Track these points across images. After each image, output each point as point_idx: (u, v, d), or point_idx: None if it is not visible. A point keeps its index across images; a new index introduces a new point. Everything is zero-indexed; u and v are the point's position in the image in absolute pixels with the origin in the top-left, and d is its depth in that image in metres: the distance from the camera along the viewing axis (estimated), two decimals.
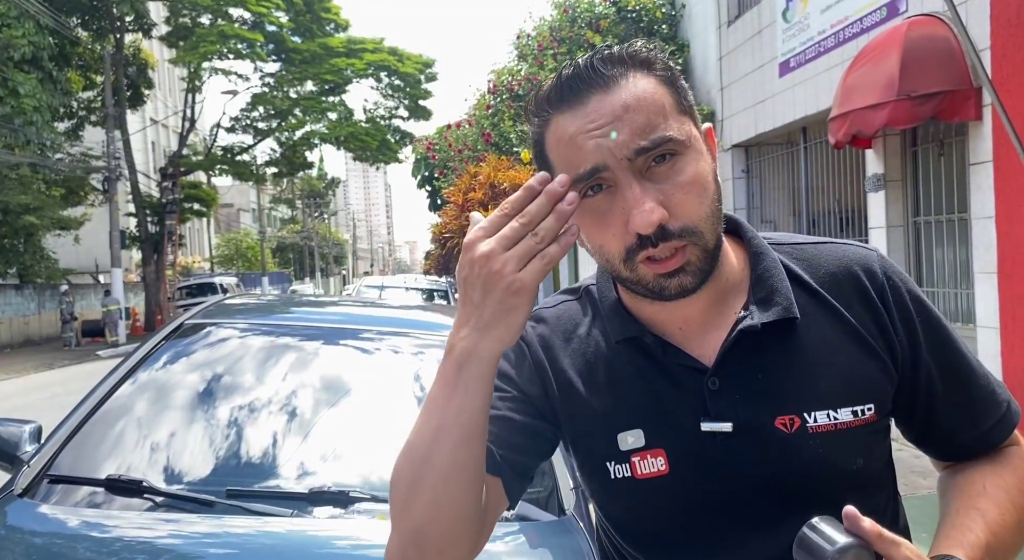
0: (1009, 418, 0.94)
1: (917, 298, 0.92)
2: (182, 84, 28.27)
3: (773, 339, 0.86)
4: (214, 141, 27.02)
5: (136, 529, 1.77)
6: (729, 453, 0.84)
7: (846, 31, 6.47)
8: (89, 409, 2.12)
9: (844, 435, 0.85)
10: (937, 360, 0.91)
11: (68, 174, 21.38)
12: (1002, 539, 0.84)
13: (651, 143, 0.79)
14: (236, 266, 44.62)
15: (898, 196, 6.00)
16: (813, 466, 0.84)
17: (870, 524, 0.73)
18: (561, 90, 0.82)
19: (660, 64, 0.84)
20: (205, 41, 22.33)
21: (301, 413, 2.15)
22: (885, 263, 0.92)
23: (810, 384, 0.85)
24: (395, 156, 26.19)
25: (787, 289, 0.88)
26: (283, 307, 3.13)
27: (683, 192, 0.80)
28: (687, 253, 0.81)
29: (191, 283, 26.20)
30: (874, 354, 0.87)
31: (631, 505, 0.89)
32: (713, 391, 0.86)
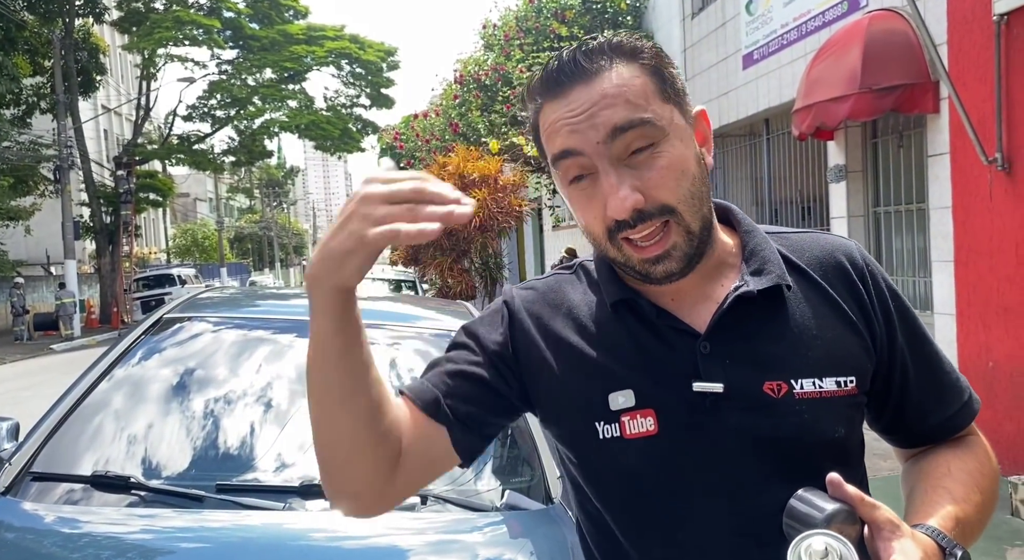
0: (971, 405, 0.99)
1: (891, 287, 0.97)
2: (136, 71, 27.51)
3: (764, 308, 0.90)
4: (170, 130, 26.38)
5: (124, 526, 1.76)
6: (718, 414, 0.87)
7: (808, 24, 6.59)
8: (70, 405, 2.09)
9: (828, 403, 0.88)
10: (910, 346, 0.96)
11: (16, 163, 20.66)
12: (968, 516, 0.88)
13: (628, 124, 0.83)
14: (193, 257, 43.74)
15: (859, 187, 6.16)
16: (798, 430, 0.87)
17: (853, 489, 0.79)
18: (546, 81, 0.88)
19: (647, 53, 0.88)
20: (160, 27, 21.74)
21: (287, 407, 2.15)
22: (864, 253, 0.98)
23: (798, 352, 0.89)
24: (357, 145, 25.88)
25: (779, 260, 0.93)
26: (260, 300, 3.11)
27: (660, 176, 0.84)
28: (671, 235, 0.85)
29: (148, 275, 25.62)
30: (856, 331, 0.92)
31: (619, 465, 0.90)
32: (705, 354, 0.89)
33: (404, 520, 1.79)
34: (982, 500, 0.91)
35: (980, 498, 0.91)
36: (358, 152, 26.27)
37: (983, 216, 4.69)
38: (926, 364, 0.97)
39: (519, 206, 9.21)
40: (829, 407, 0.88)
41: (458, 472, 2.03)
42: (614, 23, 10.01)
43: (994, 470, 0.98)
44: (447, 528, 1.78)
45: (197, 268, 31.71)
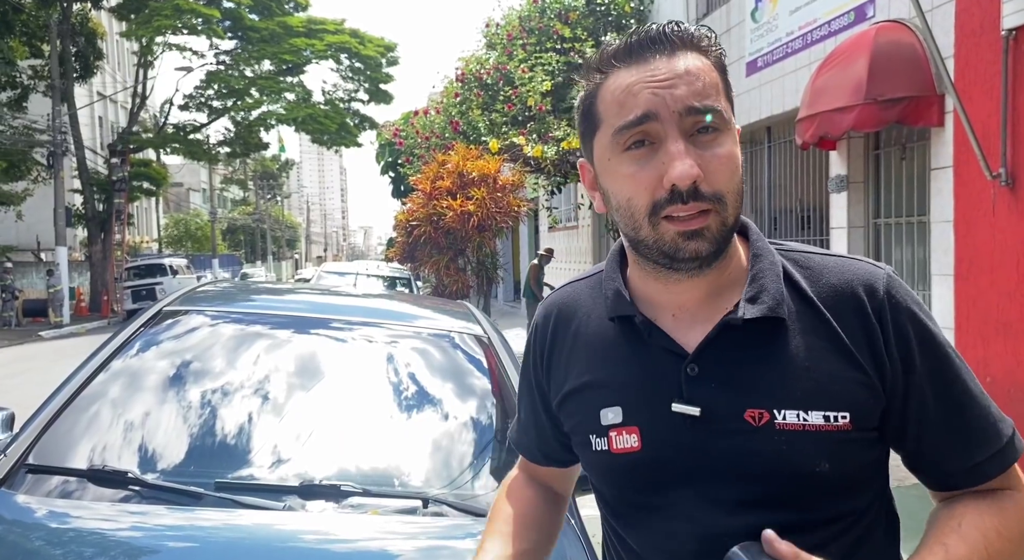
0: (1006, 454, 0.92)
1: (919, 322, 0.91)
2: (133, 58, 27.34)
3: (757, 336, 0.90)
4: (166, 118, 26.21)
5: (116, 522, 1.72)
6: (696, 436, 0.89)
7: (814, 34, 6.59)
8: (67, 397, 2.05)
9: (811, 436, 0.87)
10: (933, 385, 0.91)
11: (10, 147, 20.50)
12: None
13: (703, 106, 0.85)
14: (185, 247, 43.53)
15: (860, 198, 6.16)
16: (775, 460, 0.87)
17: (786, 547, 0.79)
18: (630, 48, 0.89)
19: (715, 53, 0.91)
20: (159, 15, 21.59)
21: (287, 405, 2.12)
22: (892, 284, 0.92)
23: (785, 383, 0.88)
24: (354, 140, 25.77)
25: (777, 290, 0.91)
26: (260, 296, 3.07)
27: (719, 162, 0.86)
28: (708, 219, 0.86)
29: (139, 264, 25.47)
30: (858, 367, 0.89)
31: (607, 477, 0.96)
32: (691, 377, 0.90)
33: (399, 524, 1.77)
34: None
35: (984, 558, 0.86)
36: (355, 147, 26.17)
37: (985, 231, 4.69)
38: (950, 407, 0.91)
39: (517, 206, 9.18)
40: (811, 440, 0.87)
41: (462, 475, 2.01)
42: (617, 26, 10.00)
43: (1021, 531, 0.90)
44: (440, 533, 1.76)
45: (189, 258, 31.55)
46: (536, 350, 1.07)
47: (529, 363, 1.09)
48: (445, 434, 2.14)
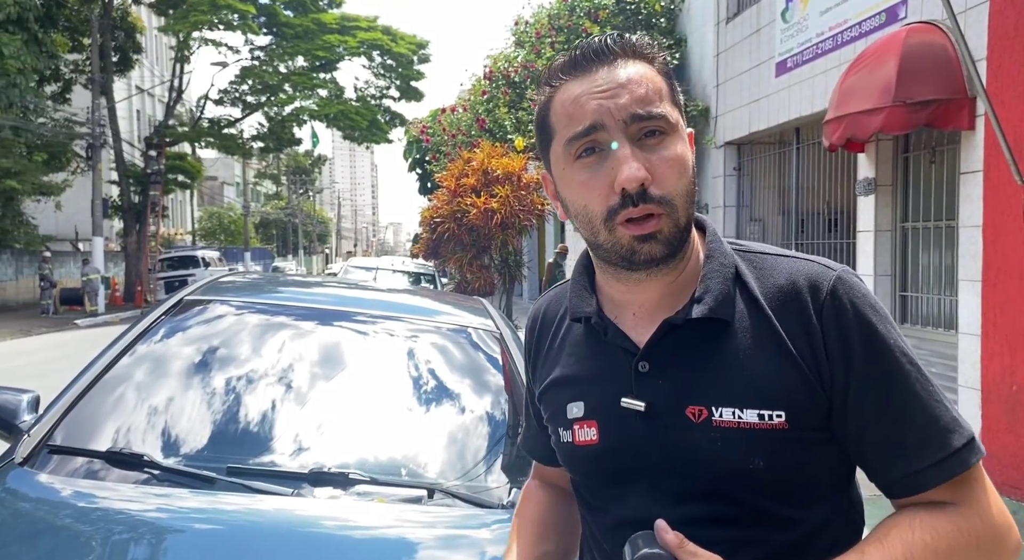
0: (951, 463, 0.87)
1: (864, 321, 0.89)
2: (170, 53, 27.83)
3: (701, 335, 0.92)
4: (201, 113, 26.65)
5: (138, 503, 1.78)
6: (643, 430, 0.93)
7: (844, 34, 6.51)
8: (88, 381, 2.12)
9: (745, 434, 0.88)
10: (875, 388, 0.88)
11: (51, 139, 21.01)
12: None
13: (647, 113, 0.89)
14: (218, 240, 44.20)
15: (888, 201, 6.08)
16: (711, 456, 0.89)
17: (672, 537, 0.84)
18: (575, 61, 0.93)
19: (660, 59, 0.94)
20: (196, 10, 21.96)
21: (302, 394, 2.16)
22: (840, 284, 0.91)
23: (723, 382, 0.90)
24: (385, 137, 25.98)
25: (723, 292, 0.92)
26: (281, 287, 3.13)
27: (667, 165, 0.89)
28: (661, 222, 0.89)
29: (173, 255, 25.94)
30: (796, 367, 0.89)
31: (573, 467, 1.03)
32: (641, 373, 0.94)
33: (413, 513, 1.80)
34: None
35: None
36: (385, 143, 26.36)
37: (1014, 237, 4.60)
38: (894, 410, 0.88)
39: (541, 204, 9.20)
40: (746, 438, 0.88)
41: (468, 467, 2.03)
42: (647, 25, 9.96)
43: (954, 548, 0.86)
44: (456, 523, 1.78)
45: (221, 251, 32.04)
46: (527, 352, 1.14)
47: (530, 367, 1.14)
48: (455, 427, 2.17)
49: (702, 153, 9.46)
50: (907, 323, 6.08)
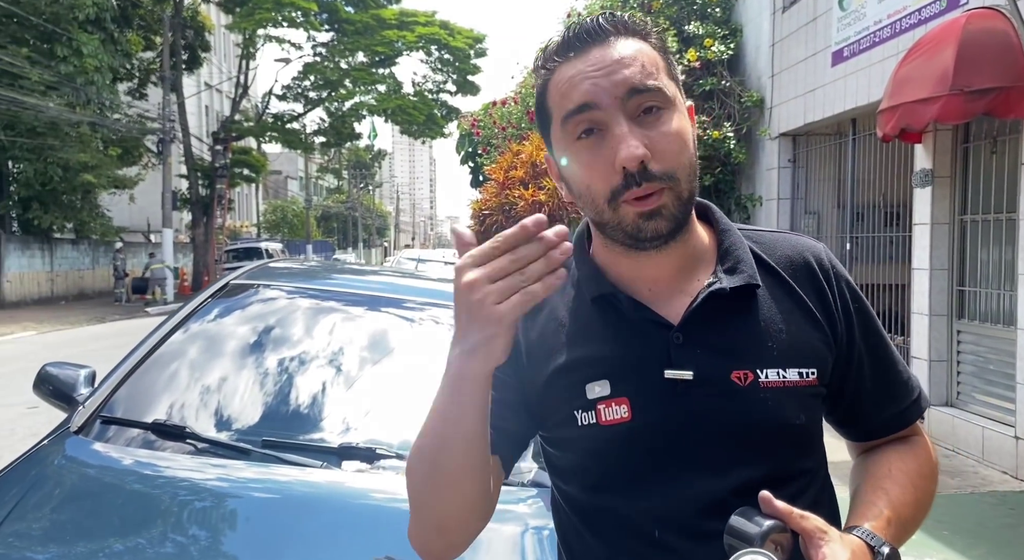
0: (919, 403, 1.06)
1: (853, 289, 1.03)
2: (237, 50, 28.67)
3: (735, 303, 0.96)
4: (265, 108, 27.39)
5: (179, 469, 1.91)
6: (688, 400, 0.92)
7: (903, 22, 6.32)
8: (139, 358, 2.27)
9: (790, 392, 0.94)
10: (868, 344, 1.02)
11: (125, 135, 21.95)
12: (902, 514, 0.95)
13: (644, 86, 0.88)
14: (282, 232, 45.40)
15: (945, 193, 5.89)
16: (762, 416, 0.92)
17: (783, 505, 0.84)
18: (567, 43, 0.92)
19: (654, 36, 0.94)
20: (261, 8, 22.58)
21: (336, 373, 2.27)
22: (830, 256, 1.04)
23: (764, 345, 0.94)
24: (441, 131, 26.23)
25: (751, 260, 0.98)
26: (324, 273, 3.24)
27: (667, 140, 0.89)
28: (664, 197, 0.89)
29: (238, 247, 26.79)
30: (819, 327, 0.98)
31: (595, 450, 0.95)
32: (678, 344, 0.94)
33: None
34: (916, 498, 0.98)
35: (915, 497, 0.98)
36: (441, 138, 26.62)
37: None
38: (881, 362, 1.03)
39: None
40: (791, 396, 0.93)
41: None
42: (702, 14, 9.81)
43: (932, 469, 1.04)
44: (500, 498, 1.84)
45: (284, 243, 32.91)
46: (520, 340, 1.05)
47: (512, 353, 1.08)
48: None
49: (756, 144, 9.29)
50: (964, 318, 5.89)
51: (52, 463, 1.92)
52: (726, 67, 9.42)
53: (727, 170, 9.51)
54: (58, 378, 2.37)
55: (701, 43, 9.32)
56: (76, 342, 12.24)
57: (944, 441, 5.77)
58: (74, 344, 11.81)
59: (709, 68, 9.33)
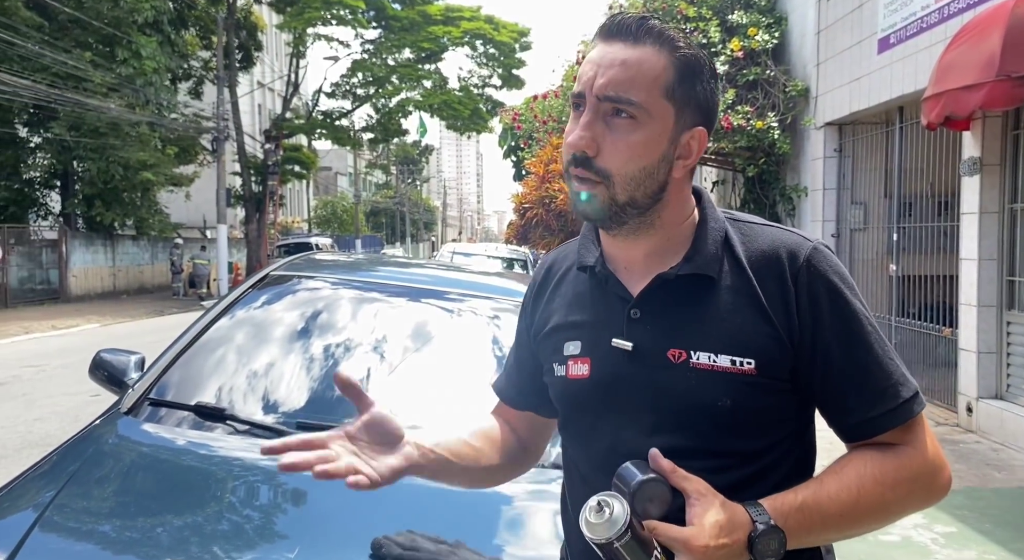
0: (899, 412, 1.00)
1: (833, 288, 1.01)
2: (287, 49, 29.25)
3: (688, 289, 1.04)
4: (315, 106, 27.89)
5: (222, 448, 2.04)
6: (629, 368, 1.04)
7: (951, 7, 6.16)
8: (184, 345, 2.42)
9: (718, 376, 1.00)
10: (839, 345, 1.00)
11: (182, 133, 22.66)
12: (826, 509, 0.96)
13: (614, 96, 0.98)
14: (332, 228, 46.22)
15: (995, 181, 5.74)
16: (686, 393, 1.01)
17: (667, 463, 0.94)
18: (605, 28, 1.03)
19: (686, 57, 1.00)
20: (310, 7, 23.01)
21: (370, 360, 2.37)
22: (815, 254, 1.03)
23: (703, 330, 1.02)
24: (486, 126, 26.33)
25: (711, 253, 1.04)
26: (364, 265, 3.35)
27: (616, 146, 0.99)
28: (595, 188, 1.01)
29: (289, 242, 27.39)
30: (769, 322, 1.00)
31: (563, 398, 1.13)
32: (633, 319, 1.06)
33: None
34: (855, 501, 0.97)
35: (855, 498, 0.97)
36: (486, 132, 26.74)
37: None
38: (855, 365, 1.01)
39: None
40: (718, 379, 0.99)
41: None
42: (746, 3, 9.68)
43: (899, 481, 0.99)
44: (532, 478, 1.89)
45: (334, 238, 33.52)
46: (529, 296, 1.25)
47: (526, 310, 1.25)
48: None
49: (801, 134, 9.14)
50: (1015, 309, 5.74)
51: (106, 441, 2.07)
52: (770, 56, 9.28)
53: (771, 161, 9.38)
54: (111, 364, 2.54)
55: (745, 32, 9.20)
56: (136, 334, 12.74)
57: (992, 434, 5.64)
58: (134, 336, 12.31)
59: (753, 58, 9.21)
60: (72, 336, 12.97)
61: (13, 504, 1.77)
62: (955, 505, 4.42)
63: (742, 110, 8.82)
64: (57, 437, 5.65)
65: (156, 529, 1.70)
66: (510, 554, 1.65)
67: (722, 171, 11.40)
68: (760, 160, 9.29)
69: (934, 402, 6.76)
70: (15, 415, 6.73)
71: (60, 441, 2.12)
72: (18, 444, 5.80)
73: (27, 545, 1.55)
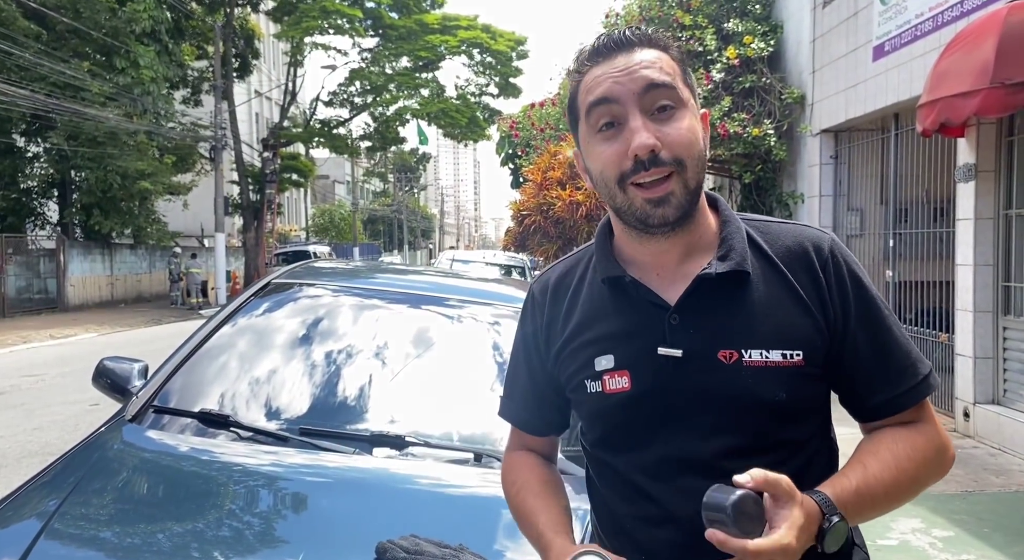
0: (921, 388, 1.07)
1: (855, 276, 1.08)
2: (285, 58, 29.33)
3: (727, 289, 1.05)
4: (312, 114, 27.95)
5: (226, 454, 2.05)
6: (678, 374, 1.04)
7: (945, 14, 6.22)
8: (187, 353, 2.44)
9: (772, 372, 1.02)
10: (865, 329, 1.06)
11: (179, 142, 22.68)
12: (875, 490, 1.00)
13: (660, 82, 1.01)
14: (330, 236, 46.23)
15: (989, 187, 5.78)
16: (743, 392, 1.02)
17: (758, 474, 0.90)
18: (597, 49, 1.05)
19: (675, 49, 1.07)
20: (308, 17, 23.09)
21: (370, 366, 2.39)
22: (835, 245, 1.09)
23: (750, 328, 1.03)
24: (483, 133, 26.43)
25: (743, 249, 1.07)
26: (365, 272, 3.37)
27: (677, 133, 1.01)
28: (672, 184, 1.01)
29: (287, 250, 27.41)
30: (809, 313, 1.05)
31: (601, 414, 1.11)
32: (673, 325, 1.06)
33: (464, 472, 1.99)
34: (897, 478, 1.02)
35: (895, 477, 1.02)
36: (484, 140, 26.82)
37: None
38: (878, 347, 1.07)
39: None
40: (772, 375, 1.02)
41: None
42: (742, 11, 9.75)
43: (929, 454, 1.06)
44: None
45: (332, 246, 33.52)
46: (536, 320, 1.20)
47: (528, 334, 1.22)
48: None
49: (798, 141, 9.20)
50: (1010, 315, 5.77)
51: (111, 448, 2.09)
52: (766, 64, 9.35)
53: (768, 167, 9.43)
54: (114, 371, 2.55)
55: (741, 40, 9.26)
56: (134, 343, 12.72)
57: (990, 439, 5.66)
58: (132, 345, 12.29)
59: (749, 65, 9.27)
60: (70, 345, 12.96)
61: (19, 512, 1.78)
62: (953, 509, 4.44)
63: (738, 117, 8.87)
64: (56, 446, 5.66)
65: (161, 536, 1.71)
66: (512, 559, 1.67)
67: (719, 178, 11.45)
68: (757, 167, 9.34)
69: None
70: (14, 424, 6.73)
71: (60, 450, 2.13)
72: (18, 454, 5.80)
73: (34, 553, 1.56)
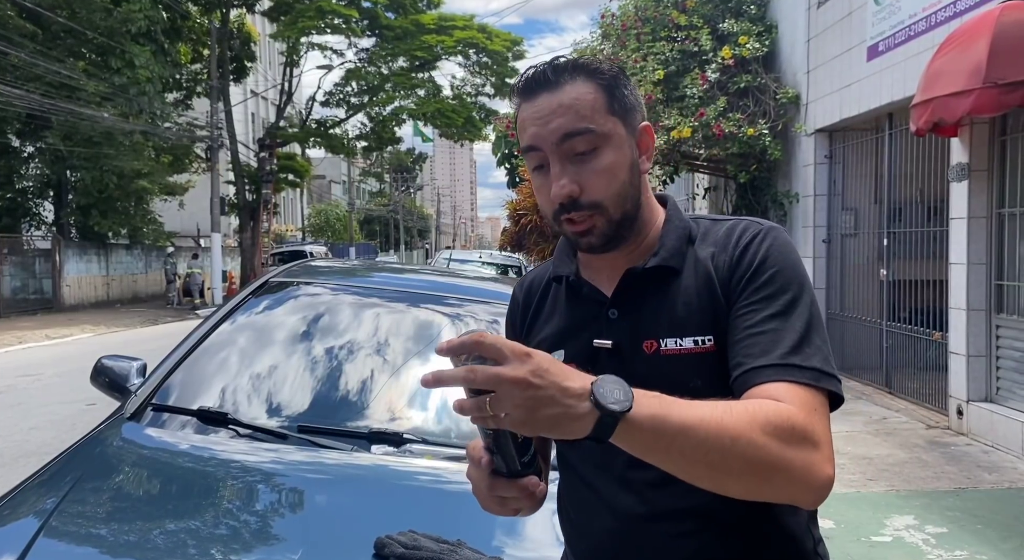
0: (792, 370, 0.96)
1: (768, 258, 1.04)
2: (281, 58, 29.31)
3: (655, 283, 1.10)
4: (309, 114, 27.94)
5: (225, 451, 2.07)
6: (609, 366, 1.05)
7: (938, 15, 6.26)
8: (185, 351, 2.45)
9: (686, 358, 1.05)
10: (757, 308, 1.02)
11: (175, 142, 22.66)
12: (684, 411, 0.87)
13: (574, 131, 1.04)
14: (326, 235, 46.21)
15: (983, 186, 5.82)
16: (661, 381, 0.96)
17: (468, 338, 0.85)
18: (522, 87, 1.09)
19: (605, 74, 1.07)
20: (304, 17, 23.09)
21: (369, 364, 2.41)
22: (765, 231, 1.07)
23: (672, 317, 1.07)
24: (480, 133, 26.46)
25: (674, 247, 1.11)
26: (362, 271, 3.39)
27: (596, 176, 1.05)
28: (594, 220, 1.07)
29: (284, 250, 27.39)
30: (718, 297, 1.07)
31: None
32: (611, 319, 1.12)
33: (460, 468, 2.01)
34: (719, 420, 0.88)
35: (717, 417, 0.88)
36: (480, 140, 26.84)
37: None
38: (766, 328, 1.00)
39: None
40: (686, 362, 1.05)
41: None
42: (737, 11, 9.78)
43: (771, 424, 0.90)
44: None
45: (328, 246, 33.52)
46: (518, 321, 1.27)
47: (510, 336, 1.27)
48: None
49: (792, 141, 9.23)
50: (1003, 313, 5.81)
51: (110, 445, 2.10)
52: (761, 64, 9.38)
53: (763, 167, 9.46)
54: (113, 370, 2.56)
55: (736, 40, 9.30)
56: (131, 343, 12.71)
57: (983, 437, 5.70)
58: (129, 345, 12.28)
59: (744, 65, 9.31)
60: (66, 345, 12.95)
61: (18, 510, 1.79)
62: (946, 506, 4.48)
63: (733, 117, 8.91)
64: (53, 446, 5.66)
65: (160, 533, 1.73)
66: (510, 554, 1.68)
67: (714, 178, 11.49)
68: (752, 166, 9.38)
69: (925, 405, 6.82)
70: (11, 424, 6.73)
71: (56, 450, 2.14)
72: (15, 453, 5.80)
73: (33, 550, 1.57)
